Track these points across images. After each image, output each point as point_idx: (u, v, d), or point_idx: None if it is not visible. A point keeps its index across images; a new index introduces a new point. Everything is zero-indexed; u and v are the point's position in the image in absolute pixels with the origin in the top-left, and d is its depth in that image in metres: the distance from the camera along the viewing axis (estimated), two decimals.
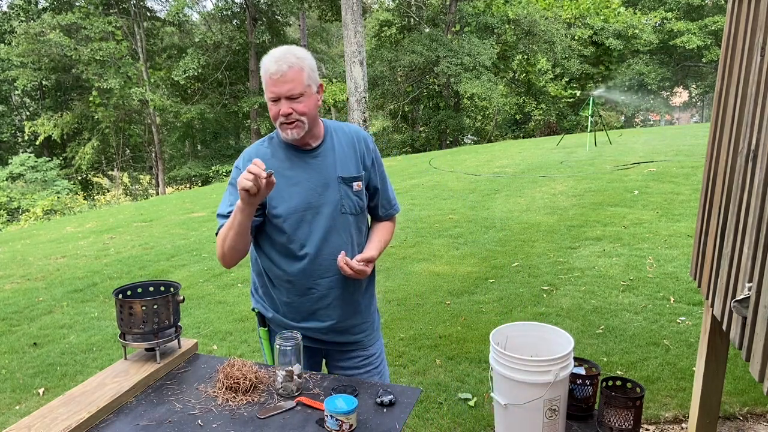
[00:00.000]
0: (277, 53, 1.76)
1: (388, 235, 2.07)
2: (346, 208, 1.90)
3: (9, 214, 18.12)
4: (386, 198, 2.07)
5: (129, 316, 1.74)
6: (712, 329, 2.28)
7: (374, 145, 2.03)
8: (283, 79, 1.73)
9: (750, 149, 1.77)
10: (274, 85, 1.75)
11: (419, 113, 26.66)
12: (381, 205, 2.06)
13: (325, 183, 1.88)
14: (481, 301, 4.61)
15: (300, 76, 1.75)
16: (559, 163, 11.29)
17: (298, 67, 1.75)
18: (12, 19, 22.16)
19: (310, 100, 1.80)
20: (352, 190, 1.91)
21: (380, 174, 2.03)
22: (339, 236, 1.90)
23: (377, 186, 2.01)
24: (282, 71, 1.73)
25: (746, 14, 1.92)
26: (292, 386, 1.65)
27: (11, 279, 6.11)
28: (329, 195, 1.88)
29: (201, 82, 24.31)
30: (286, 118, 1.77)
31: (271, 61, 1.75)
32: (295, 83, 1.75)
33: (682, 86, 31.22)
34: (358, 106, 10.90)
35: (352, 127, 2.03)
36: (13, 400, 3.48)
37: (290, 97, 1.75)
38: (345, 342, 2.02)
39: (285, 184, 1.85)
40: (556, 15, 23.97)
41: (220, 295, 5.17)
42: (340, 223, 1.90)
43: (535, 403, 1.46)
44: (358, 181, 1.93)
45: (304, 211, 1.85)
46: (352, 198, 1.91)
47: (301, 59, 1.77)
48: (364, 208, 1.99)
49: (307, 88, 1.78)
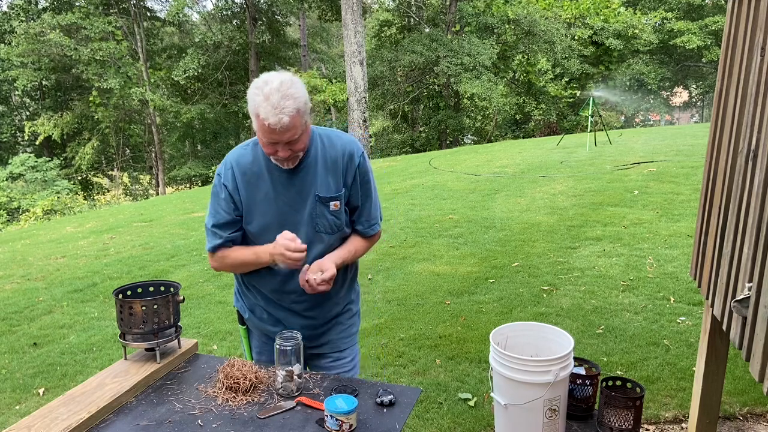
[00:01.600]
0: (273, 98, 1.61)
1: (359, 248, 1.96)
2: (320, 228, 1.85)
3: (9, 214, 18.12)
4: (366, 216, 1.95)
5: (129, 316, 1.74)
6: (712, 329, 2.28)
7: (363, 160, 1.89)
8: (283, 130, 1.63)
9: (750, 149, 1.77)
10: (273, 134, 1.64)
11: (419, 113, 26.65)
12: (359, 221, 1.95)
13: (302, 200, 1.82)
14: (481, 301, 4.61)
15: (298, 120, 1.65)
16: (559, 163, 11.29)
17: (296, 112, 1.64)
18: (12, 19, 22.14)
19: (306, 133, 1.74)
20: (329, 210, 1.84)
21: (364, 192, 1.91)
22: (315, 254, 1.86)
23: (357, 204, 1.91)
24: (283, 123, 1.61)
25: (746, 14, 1.92)
26: (292, 386, 1.65)
27: (11, 279, 6.11)
28: (304, 213, 1.83)
29: (201, 82, 24.30)
30: (285, 158, 1.72)
31: (267, 109, 1.61)
32: (295, 129, 1.66)
33: (682, 86, 31.21)
34: (358, 106, 10.90)
35: (345, 138, 1.91)
36: (13, 400, 3.48)
37: (290, 141, 1.68)
38: (316, 346, 2.01)
39: (261, 198, 1.82)
40: (556, 15, 23.96)
41: (220, 295, 5.17)
42: (317, 242, 1.85)
43: (535, 403, 1.46)
44: (336, 201, 1.84)
45: (278, 228, 1.81)
46: (328, 218, 1.84)
47: (297, 99, 1.64)
48: (342, 227, 1.90)
49: (304, 126, 1.70)
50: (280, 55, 25.90)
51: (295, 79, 1.68)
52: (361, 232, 1.96)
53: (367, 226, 1.96)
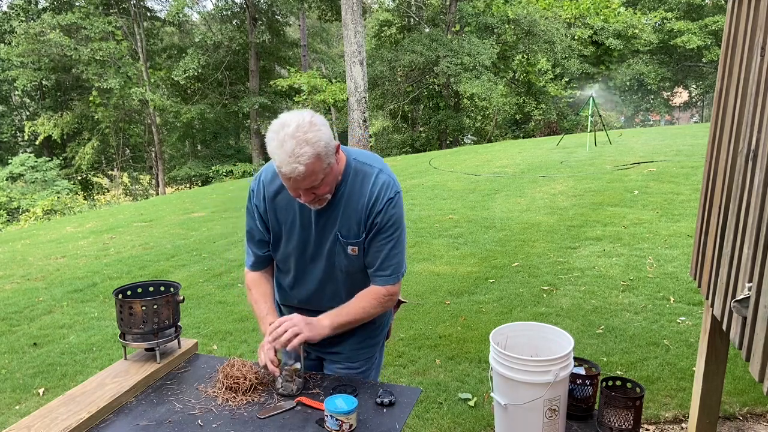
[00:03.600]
0: (287, 146, 1.49)
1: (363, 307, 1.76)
2: (339, 265, 1.79)
3: (9, 214, 18.11)
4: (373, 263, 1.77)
5: (129, 316, 1.74)
6: (712, 329, 2.28)
7: (388, 206, 1.71)
8: (301, 178, 1.52)
9: (750, 149, 1.77)
10: (291, 182, 1.55)
11: (419, 113, 26.65)
12: (368, 265, 1.79)
13: (325, 236, 1.76)
14: (481, 301, 4.61)
15: (318, 165, 1.53)
16: (559, 163, 11.29)
17: (315, 158, 1.51)
18: (12, 19, 22.14)
19: (331, 175, 1.62)
20: (345, 252, 1.76)
21: (377, 240, 1.74)
22: (332, 288, 1.84)
23: (368, 253, 1.77)
24: (299, 172, 1.51)
25: (746, 14, 1.92)
26: (293, 386, 1.65)
27: (11, 279, 6.10)
28: (325, 248, 1.78)
29: (201, 82, 24.30)
30: (308, 202, 1.65)
31: (282, 158, 1.50)
32: (315, 175, 1.54)
33: (682, 86, 31.20)
34: (358, 106, 10.90)
35: (381, 179, 1.72)
36: (13, 400, 3.48)
37: (311, 187, 1.58)
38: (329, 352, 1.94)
39: (288, 225, 1.79)
40: (556, 15, 23.95)
41: (220, 295, 5.17)
42: (335, 277, 1.82)
43: (535, 403, 1.46)
44: (354, 247, 1.74)
45: (299, 257, 1.81)
46: (345, 259, 1.77)
47: (316, 144, 1.50)
48: (362, 268, 1.80)
49: (326, 169, 1.57)
50: (280, 55, 25.91)
51: (316, 119, 1.55)
52: (373, 281, 1.79)
53: (380, 275, 1.77)
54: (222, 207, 10.25)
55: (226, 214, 9.32)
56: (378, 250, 1.75)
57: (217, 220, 8.84)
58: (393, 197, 1.72)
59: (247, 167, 22.61)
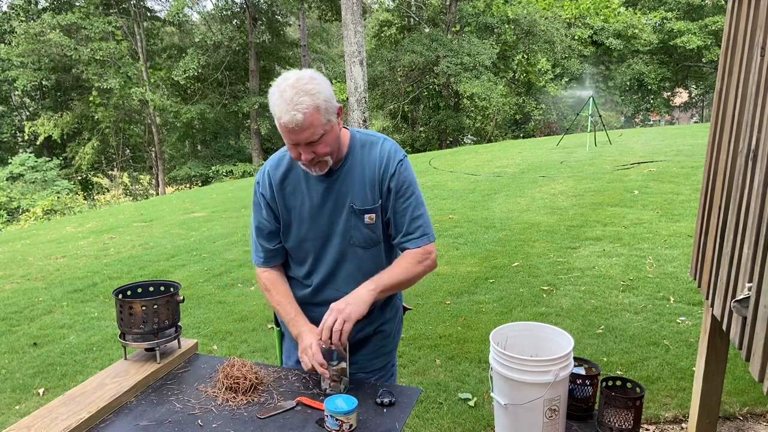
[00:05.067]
0: (287, 95, 1.52)
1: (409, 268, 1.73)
2: (355, 240, 1.75)
3: (9, 214, 18.11)
4: (407, 229, 1.75)
5: (129, 316, 1.74)
6: (712, 329, 2.28)
7: (400, 168, 1.73)
8: (299, 128, 1.53)
9: (750, 149, 1.77)
10: (290, 133, 1.55)
11: (419, 113, 26.66)
12: (394, 234, 1.77)
13: (338, 212, 1.73)
14: (481, 301, 4.61)
15: (316, 118, 1.54)
16: (559, 163, 11.29)
17: (313, 109, 1.52)
18: (12, 19, 22.15)
19: (331, 135, 1.61)
20: (364, 223, 1.73)
21: (397, 204, 1.73)
22: (348, 268, 1.79)
23: (390, 217, 1.76)
24: (297, 121, 1.52)
25: (746, 14, 1.92)
26: (341, 386, 1.63)
27: (11, 279, 6.10)
28: (339, 225, 1.74)
29: (201, 82, 24.31)
30: (309, 162, 1.63)
31: (281, 107, 1.53)
32: (313, 128, 1.55)
33: (682, 86, 31.20)
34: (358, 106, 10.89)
35: (387, 145, 1.76)
36: (13, 400, 3.48)
37: (310, 142, 1.58)
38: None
39: (298, 209, 1.77)
40: (556, 15, 23.97)
41: (220, 295, 5.17)
42: (350, 255, 1.77)
43: (535, 403, 1.46)
44: (371, 214, 1.72)
45: (314, 240, 1.77)
46: (363, 231, 1.74)
47: (315, 95, 1.53)
48: (379, 241, 1.78)
49: (326, 125, 1.58)
50: (280, 55, 25.91)
51: (317, 75, 1.57)
52: (398, 245, 1.78)
53: (409, 238, 1.75)
54: (222, 207, 10.25)
55: (226, 214, 9.32)
56: (401, 215, 1.74)
57: (217, 220, 8.84)
58: (402, 159, 1.75)
59: (247, 167, 22.61)
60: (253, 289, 5.26)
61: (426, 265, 1.77)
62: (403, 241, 1.75)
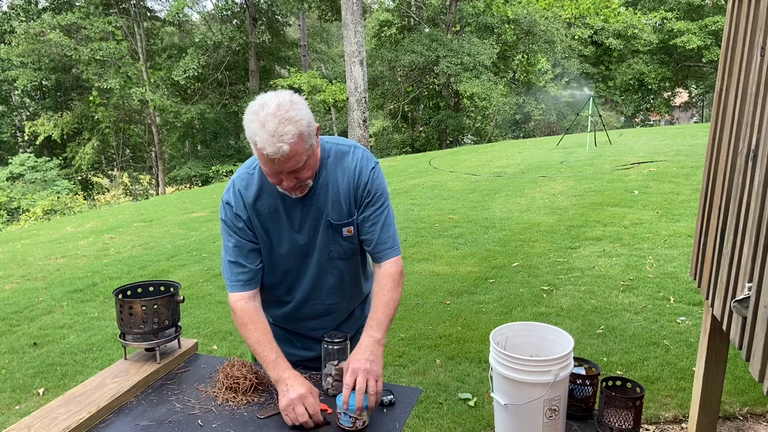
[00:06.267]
0: (270, 125, 1.42)
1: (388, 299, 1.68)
2: (335, 254, 1.74)
3: (9, 214, 18.11)
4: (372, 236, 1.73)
5: (129, 316, 1.74)
6: (712, 329, 2.28)
7: (372, 176, 1.71)
8: (284, 159, 1.46)
9: (750, 149, 1.77)
10: (273, 164, 1.47)
11: (419, 113, 26.66)
12: (367, 241, 1.75)
13: (315, 226, 1.71)
14: (481, 301, 4.61)
15: (300, 146, 1.47)
16: (559, 163, 11.29)
17: (298, 137, 1.45)
18: (12, 19, 22.16)
19: (313, 158, 1.57)
20: (342, 236, 1.72)
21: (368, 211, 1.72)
22: (329, 281, 1.79)
23: (359, 223, 1.74)
24: (282, 152, 1.44)
25: (746, 14, 1.92)
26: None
27: (11, 279, 6.10)
28: (318, 239, 1.72)
29: (201, 82, 24.31)
30: (291, 188, 1.57)
31: (264, 139, 1.43)
32: (298, 156, 1.48)
33: (682, 86, 31.20)
34: (358, 106, 10.89)
35: (358, 153, 1.72)
36: (13, 400, 3.48)
37: (294, 170, 1.52)
38: None
39: (275, 228, 1.71)
40: (556, 15, 23.97)
41: (220, 295, 5.17)
42: (331, 268, 1.76)
43: (535, 403, 1.46)
44: (349, 227, 1.71)
45: (294, 259, 1.75)
46: (342, 244, 1.73)
47: (298, 122, 1.45)
48: (357, 252, 1.79)
49: (309, 150, 1.52)
50: (280, 55, 25.93)
51: (295, 98, 1.50)
52: (378, 257, 1.74)
53: (383, 248, 1.73)
54: None
55: None
56: (374, 223, 1.72)
57: (217, 220, 8.84)
58: (374, 166, 1.73)
59: None
60: None
61: (402, 284, 1.76)
62: (377, 251, 1.73)
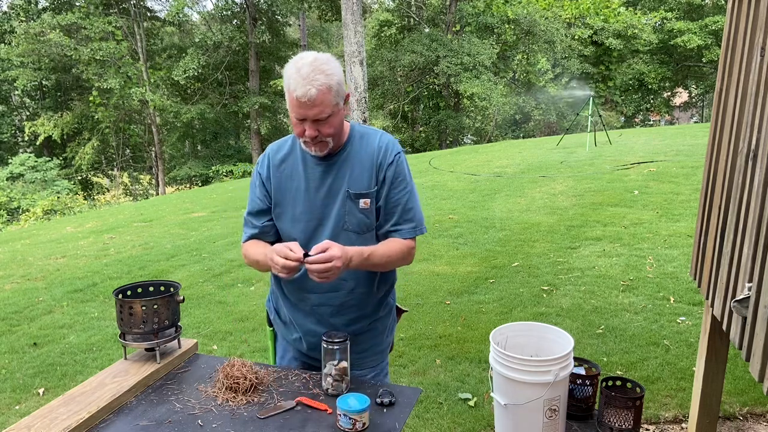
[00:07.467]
0: (304, 71, 1.59)
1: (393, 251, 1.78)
2: (349, 225, 1.78)
3: (9, 214, 18.12)
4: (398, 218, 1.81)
5: (129, 316, 1.74)
6: (712, 329, 2.28)
7: (398, 160, 1.81)
8: (310, 103, 1.59)
9: (750, 149, 1.77)
10: (300, 107, 1.61)
11: (419, 113, 26.67)
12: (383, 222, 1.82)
13: (333, 194, 1.77)
14: (481, 301, 4.61)
15: (328, 97, 1.61)
16: (559, 163, 11.29)
17: (326, 88, 1.60)
18: (12, 19, 22.18)
19: (337, 117, 1.68)
20: (358, 207, 1.77)
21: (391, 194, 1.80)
22: None
23: (381, 206, 1.80)
24: (310, 96, 1.58)
25: (746, 14, 1.92)
26: (343, 386, 1.64)
27: (11, 279, 6.10)
28: (334, 208, 1.78)
29: (201, 82, 24.32)
30: (311, 140, 1.68)
31: (297, 81, 1.59)
32: (324, 106, 1.61)
33: (682, 86, 31.20)
34: (358, 106, 10.88)
35: (385, 138, 1.84)
36: (13, 400, 3.48)
37: (317, 119, 1.63)
38: None
39: (293, 190, 1.80)
40: (556, 15, 23.98)
41: (220, 295, 5.17)
42: (343, 240, 1.75)
43: (535, 403, 1.46)
44: (366, 199, 1.77)
45: (307, 222, 1.79)
46: (357, 216, 1.78)
47: (330, 76, 1.61)
48: (372, 227, 1.82)
49: (334, 107, 1.65)
50: (280, 55, 25.91)
51: (333, 59, 1.65)
52: (383, 234, 1.83)
53: (398, 228, 1.81)
54: (222, 207, 10.25)
55: (226, 214, 9.32)
56: (395, 204, 1.81)
57: (217, 220, 8.84)
58: (399, 152, 1.83)
59: (247, 167, 22.60)
60: (253, 289, 5.27)
61: (406, 261, 1.85)
62: (392, 230, 1.82)
